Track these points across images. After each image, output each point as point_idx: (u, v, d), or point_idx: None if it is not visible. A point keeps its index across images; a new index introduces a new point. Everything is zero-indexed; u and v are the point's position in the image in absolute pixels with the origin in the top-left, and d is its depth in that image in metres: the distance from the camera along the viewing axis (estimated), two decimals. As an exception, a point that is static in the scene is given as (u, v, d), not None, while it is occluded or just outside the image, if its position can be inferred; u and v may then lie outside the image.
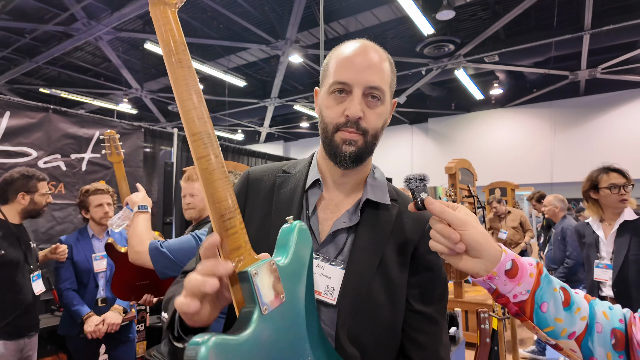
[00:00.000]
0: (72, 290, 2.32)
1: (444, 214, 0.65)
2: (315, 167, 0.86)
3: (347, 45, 0.80)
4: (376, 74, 0.76)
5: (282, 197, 0.83)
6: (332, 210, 0.81)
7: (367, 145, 0.77)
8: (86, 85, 10.23)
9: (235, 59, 9.55)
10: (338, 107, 0.76)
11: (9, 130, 2.51)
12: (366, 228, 0.79)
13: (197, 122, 0.58)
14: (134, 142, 3.24)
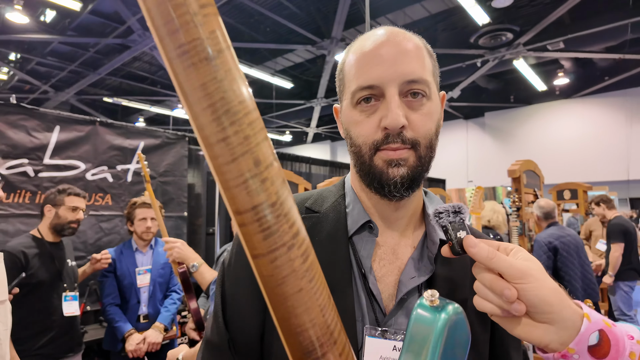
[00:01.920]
0: (114, 306, 2.31)
1: (492, 260, 0.46)
2: (357, 202, 0.63)
3: (365, 38, 0.59)
4: (413, 63, 0.55)
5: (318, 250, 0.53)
6: (391, 260, 0.60)
7: (422, 162, 0.56)
8: (144, 92, 10.79)
9: (282, 61, 9.59)
10: (370, 120, 0.56)
11: (59, 144, 2.59)
12: (444, 281, 0.58)
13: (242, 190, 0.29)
14: (178, 152, 3.26)
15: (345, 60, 0.61)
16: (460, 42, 8.13)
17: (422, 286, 0.59)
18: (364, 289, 0.57)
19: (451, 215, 0.51)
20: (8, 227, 2.35)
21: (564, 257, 2.86)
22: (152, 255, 2.48)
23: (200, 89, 0.27)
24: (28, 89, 10.47)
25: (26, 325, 1.88)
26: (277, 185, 0.30)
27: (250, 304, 0.58)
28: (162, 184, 3.16)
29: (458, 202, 0.52)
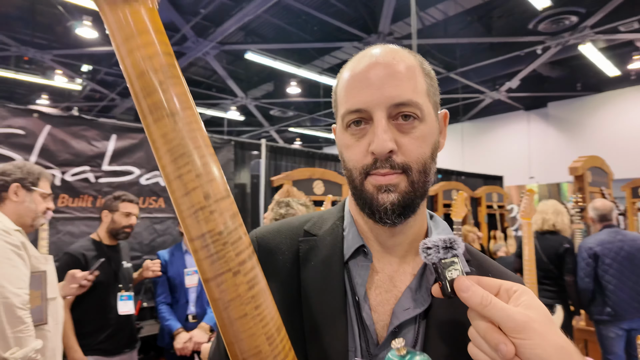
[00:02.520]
0: (165, 305, 2.45)
1: (486, 308, 0.41)
2: (352, 226, 0.61)
3: (357, 60, 0.58)
4: (402, 85, 0.53)
5: (312, 275, 0.58)
6: (387, 289, 0.57)
7: (414, 187, 0.54)
8: (200, 96, 11.33)
9: (329, 59, 9.59)
10: (360, 144, 0.54)
11: (116, 151, 2.79)
12: (443, 314, 0.54)
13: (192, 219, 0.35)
14: (224, 156, 3.38)
15: (339, 80, 0.60)
16: (517, 29, 7.60)
17: (419, 318, 0.54)
18: (357, 318, 0.55)
19: (441, 252, 0.46)
20: (73, 229, 2.58)
21: (607, 264, 2.58)
22: None
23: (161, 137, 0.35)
24: (98, 97, 11.41)
25: (86, 322, 2.04)
26: (226, 216, 0.35)
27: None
28: (210, 186, 3.28)
29: (451, 235, 0.46)
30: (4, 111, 2.36)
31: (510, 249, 4.98)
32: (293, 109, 12.27)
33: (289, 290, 0.58)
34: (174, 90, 0.35)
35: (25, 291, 1.35)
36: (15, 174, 1.57)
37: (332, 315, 0.55)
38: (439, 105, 0.61)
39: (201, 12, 6.89)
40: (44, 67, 9.17)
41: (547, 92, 10.96)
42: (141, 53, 0.34)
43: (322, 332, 0.54)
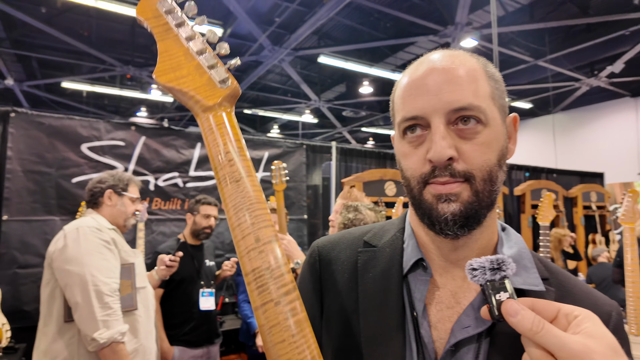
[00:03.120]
0: (247, 303, 2.57)
1: (537, 335, 0.38)
2: (412, 238, 0.59)
3: (415, 66, 0.56)
4: (462, 90, 0.50)
5: (370, 287, 0.57)
6: (449, 305, 0.54)
7: (479, 197, 0.50)
8: (277, 102, 11.84)
9: (403, 55, 9.38)
10: (418, 152, 0.52)
11: (200, 158, 3.05)
12: (508, 335, 0.49)
13: (246, 257, 0.43)
14: (297, 159, 3.49)
15: (397, 87, 0.58)
16: (620, 5, 6.68)
17: (481, 336, 0.50)
18: (415, 335, 0.52)
19: (488, 273, 0.43)
20: (165, 229, 2.86)
21: None
22: None
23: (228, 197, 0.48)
24: (188, 108, 12.52)
25: (173, 315, 2.25)
26: (271, 257, 0.42)
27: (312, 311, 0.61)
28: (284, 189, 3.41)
29: (500, 255, 0.43)
30: (109, 126, 2.72)
31: (614, 254, 4.40)
32: (365, 108, 12.22)
33: (347, 301, 0.58)
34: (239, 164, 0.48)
35: (115, 280, 1.58)
36: (108, 181, 1.81)
37: (390, 330, 0.53)
38: (507, 109, 0.56)
39: (276, 20, 7.19)
40: (141, 82, 10.30)
41: (662, 74, 9.46)
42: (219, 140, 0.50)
43: (379, 347, 0.53)
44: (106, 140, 2.68)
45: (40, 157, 2.50)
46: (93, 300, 1.48)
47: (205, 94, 0.51)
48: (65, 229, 1.64)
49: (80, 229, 1.60)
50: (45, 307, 1.57)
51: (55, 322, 1.53)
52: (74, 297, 1.49)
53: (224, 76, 0.52)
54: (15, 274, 2.42)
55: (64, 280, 1.52)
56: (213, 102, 0.51)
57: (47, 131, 2.53)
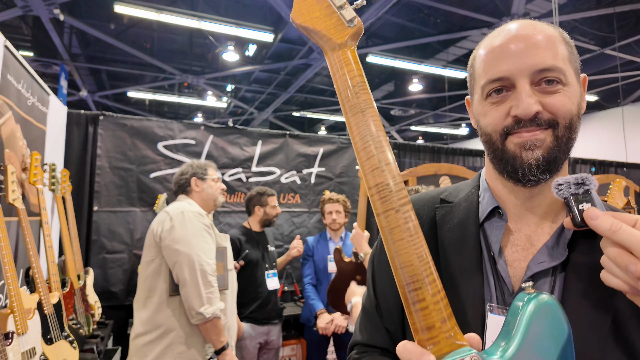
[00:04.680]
0: (311, 285, 2.73)
1: (616, 233, 0.44)
2: (487, 191, 0.65)
3: (495, 35, 0.62)
4: (544, 52, 0.55)
5: (449, 235, 0.64)
6: (524, 247, 0.60)
7: (559, 143, 0.56)
8: (324, 104, 12.00)
9: (454, 50, 9.13)
10: (500, 109, 0.58)
11: (262, 155, 3.23)
12: (582, 268, 0.55)
13: (370, 174, 0.51)
14: (350, 155, 3.58)
15: (476, 56, 0.64)
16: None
17: (556, 270, 0.56)
18: (493, 271, 0.59)
19: (572, 187, 0.49)
20: (231, 220, 3.06)
21: None
22: (342, 246, 2.81)
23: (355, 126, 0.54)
24: (240, 112, 13.04)
25: (242, 294, 2.43)
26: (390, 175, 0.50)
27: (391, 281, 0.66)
28: (338, 184, 3.53)
29: (584, 174, 0.49)
30: (181, 126, 2.97)
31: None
32: (414, 106, 12.03)
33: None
34: (363, 97, 0.54)
35: (214, 262, 1.75)
36: (189, 171, 2.00)
37: (469, 269, 0.60)
38: (580, 71, 0.62)
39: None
40: (198, 89, 10.91)
41: None
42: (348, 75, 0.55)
43: (459, 284, 0.59)
44: (179, 139, 2.94)
45: (124, 154, 2.81)
46: (199, 279, 1.64)
47: (335, 33, 0.56)
48: (169, 212, 1.78)
49: (185, 213, 1.76)
50: (148, 281, 1.73)
51: (159, 295, 1.71)
52: (182, 274, 1.65)
53: (352, 15, 0.57)
54: (104, 259, 2.72)
55: (173, 259, 1.68)
56: (341, 40, 0.56)
57: (130, 132, 2.83)
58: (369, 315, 0.71)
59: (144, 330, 1.69)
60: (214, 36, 7.92)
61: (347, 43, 0.56)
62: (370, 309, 0.71)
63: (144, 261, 1.78)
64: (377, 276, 0.72)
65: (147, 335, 1.68)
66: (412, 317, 0.46)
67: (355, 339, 0.73)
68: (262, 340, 2.53)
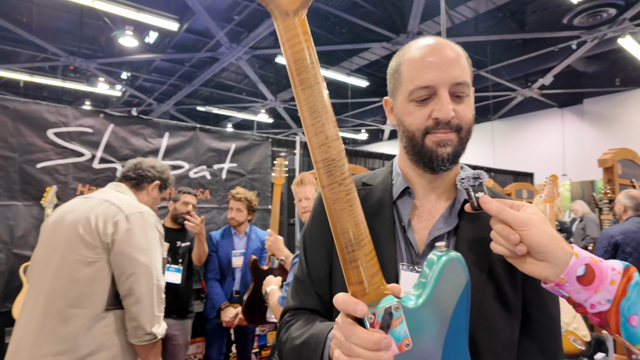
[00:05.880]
0: (215, 280, 2.73)
1: (501, 213, 0.60)
2: (399, 175, 0.80)
3: (417, 46, 0.74)
4: (460, 68, 0.71)
5: (369, 211, 0.77)
6: (427, 219, 0.76)
7: (462, 143, 0.73)
8: (232, 100, 11.73)
9: (357, 60, 9.72)
10: (422, 111, 0.71)
11: (168, 147, 3.07)
12: (467, 232, 0.73)
13: (318, 150, 0.54)
14: (263, 152, 3.62)
15: (402, 61, 0.76)
16: (552, 24, 7.50)
17: (450, 234, 0.73)
18: (403, 238, 0.75)
19: (471, 180, 0.65)
20: (133, 218, 2.86)
21: (627, 253, 2.66)
22: (246, 241, 2.85)
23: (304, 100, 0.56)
24: (136, 103, 12.04)
25: None
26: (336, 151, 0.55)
27: (321, 250, 0.80)
28: (250, 180, 3.54)
29: (479, 171, 0.65)
30: (76, 112, 2.68)
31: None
32: (321, 110, 12.45)
33: None
34: (313, 72, 0.55)
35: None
36: (162, 174, 1.77)
37: (386, 237, 0.74)
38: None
39: (235, 18, 7.20)
40: (87, 75, 9.80)
41: (583, 88, 10.64)
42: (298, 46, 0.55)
43: (378, 249, 0.72)
44: (74, 127, 2.64)
45: (4, 141, 2.41)
46: (154, 295, 1.44)
47: None
48: (122, 208, 1.48)
49: (145, 215, 1.52)
50: (78, 287, 1.39)
51: (91, 308, 1.40)
52: (139, 289, 1.41)
53: None
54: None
55: (130, 269, 1.42)
56: (293, 6, 0.54)
57: (13, 116, 2.45)
58: (300, 283, 0.82)
59: (61, 350, 1.33)
60: (109, 18, 7.21)
61: (299, 10, 0.55)
62: (302, 277, 0.82)
63: (77, 262, 1.41)
64: (309, 248, 0.83)
65: (64, 356, 1.34)
66: (348, 274, 0.56)
67: (288, 305, 0.83)
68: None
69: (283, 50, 0.55)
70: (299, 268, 0.85)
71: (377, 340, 0.50)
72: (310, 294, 0.80)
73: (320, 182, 0.56)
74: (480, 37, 7.82)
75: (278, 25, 0.55)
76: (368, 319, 0.52)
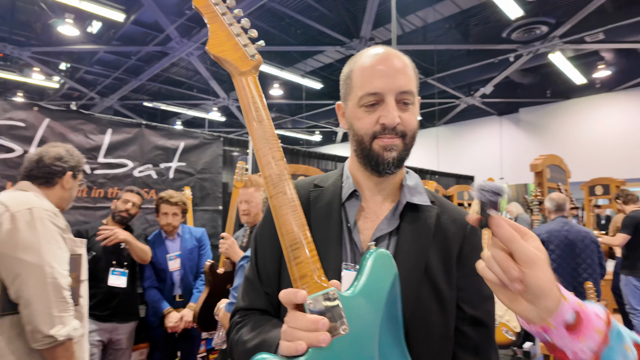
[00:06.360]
0: (153, 288, 2.63)
1: (511, 243, 0.52)
2: (349, 178, 0.84)
3: (368, 55, 0.79)
4: (406, 77, 0.75)
5: (319, 212, 0.82)
6: (372, 219, 0.80)
7: (406, 148, 0.77)
8: (182, 97, 11.34)
9: (312, 62, 9.79)
10: (370, 117, 0.76)
11: (111, 144, 2.91)
12: (408, 232, 0.77)
13: (266, 166, 0.66)
14: (214, 151, 3.53)
15: (353, 68, 0.80)
16: (492, 37, 8.01)
17: (391, 234, 0.77)
18: (349, 238, 0.78)
19: (489, 194, 0.56)
20: (70, 218, 2.66)
21: (551, 249, 3.02)
22: (180, 242, 2.76)
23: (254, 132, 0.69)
24: (77, 96, 11.27)
25: None
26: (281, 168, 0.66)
27: (271, 252, 0.82)
28: (200, 180, 3.45)
29: (502, 185, 0.56)
30: (5, 104, 2.46)
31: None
32: (275, 110, 12.41)
33: None
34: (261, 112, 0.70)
35: (68, 273, 1.43)
36: (69, 161, 1.61)
37: (333, 238, 0.78)
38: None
39: (186, 13, 6.97)
40: (20, 64, 9.03)
41: (519, 98, 11.50)
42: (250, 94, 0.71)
43: (325, 249, 0.76)
44: (3, 120, 2.42)
45: None
46: (50, 295, 1.33)
47: (241, 64, 0.72)
48: (9, 206, 1.38)
49: (34, 210, 1.40)
50: None
51: None
52: (26, 291, 1.31)
53: (254, 52, 0.73)
54: None
55: (14, 270, 1.33)
56: (246, 69, 0.72)
57: None
58: (251, 284, 0.84)
59: None
60: (46, 4, 6.70)
61: (251, 71, 0.72)
62: (253, 278, 0.84)
63: None
64: (259, 249, 0.86)
65: None
66: (292, 270, 0.60)
67: (238, 306, 0.84)
68: (105, 339, 2.39)
69: (239, 97, 0.71)
70: (249, 268, 0.87)
71: (314, 320, 0.54)
72: (259, 294, 0.82)
73: (268, 192, 0.64)
74: (428, 46, 8.19)
75: (235, 81, 0.71)
76: (307, 305, 0.57)
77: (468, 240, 0.79)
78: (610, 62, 9.21)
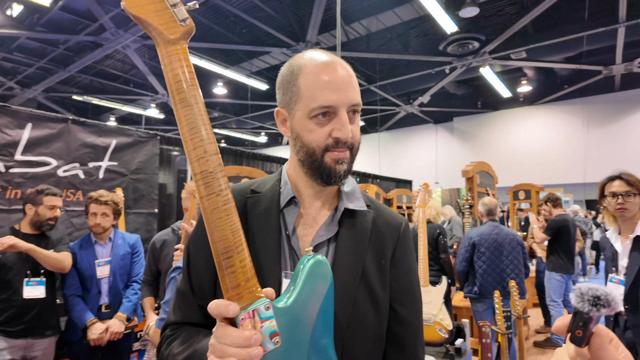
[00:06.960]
0: (76, 297, 2.37)
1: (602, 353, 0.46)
2: (287, 184, 0.82)
3: (314, 63, 0.75)
4: (355, 90, 0.75)
5: (257, 219, 0.78)
6: (311, 225, 0.79)
7: (353, 159, 0.77)
8: (116, 91, 10.64)
9: (257, 63, 9.67)
10: (322, 130, 0.73)
11: (31, 141, 2.63)
12: (346, 238, 0.77)
13: (196, 162, 0.58)
14: (150, 150, 3.33)
15: (298, 76, 0.76)
16: (430, 49, 8.47)
17: (330, 241, 0.78)
18: (288, 245, 0.77)
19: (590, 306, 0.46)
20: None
21: (481, 252, 3.27)
22: (111, 248, 2.54)
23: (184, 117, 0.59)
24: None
25: None
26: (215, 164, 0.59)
27: (205, 262, 0.76)
28: (133, 181, 3.22)
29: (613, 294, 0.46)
30: None
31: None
32: (218, 109, 12.07)
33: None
34: (192, 92, 0.59)
35: None
36: None
37: (271, 245, 0.75)
38: None
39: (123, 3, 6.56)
40: None
41: (453, 107, 12.28)
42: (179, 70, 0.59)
43: (264, 257, 0.74)
44: None
45: None
46: None
47: (168, 29, 0.59)
48: None
49: None
50: None
51: None
52: None
53: (185, 16, 0.60)
54: None
55: None
56: (174, 36, 0.59)
57: None
58: (183, 296, 0.79)
59: None
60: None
61: (179, 40, 0.60)
62: (185, 290, 0.79)
63: None
64: (192, 259, 0.80)
65: None
66: (224, 280, 0.57)
67: (169, 320, 0.79)
68: (19, 357, 2.13)
69: (164, 72, 0.59)
70: (181, 280, 0.81)
71: (247, 336, 0.52)
72: (192, 307, 0.77)
73: (199, 193, 0.58)
74: (371, 54, 8.46)
75: (160, 51, 0.59)
76: (239, 320, 0.54)
77: (401, 242, 0.81)
78: (532, 78, 10.17)
